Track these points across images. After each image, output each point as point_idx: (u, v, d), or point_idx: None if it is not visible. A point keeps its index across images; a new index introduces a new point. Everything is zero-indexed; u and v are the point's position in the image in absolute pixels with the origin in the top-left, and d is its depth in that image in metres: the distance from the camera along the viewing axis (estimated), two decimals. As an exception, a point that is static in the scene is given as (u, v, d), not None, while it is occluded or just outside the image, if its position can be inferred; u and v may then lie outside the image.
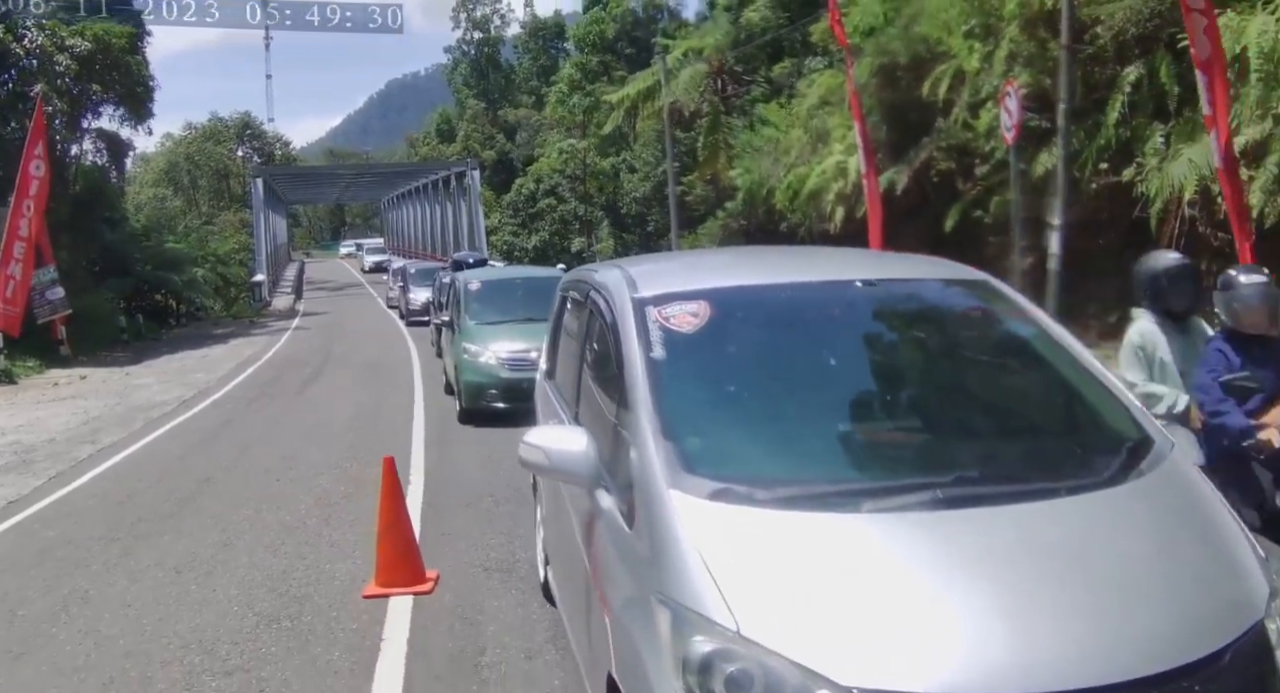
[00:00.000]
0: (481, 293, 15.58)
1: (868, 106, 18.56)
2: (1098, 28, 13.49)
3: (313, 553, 8.19)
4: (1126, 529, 3.37)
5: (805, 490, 3.40)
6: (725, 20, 32.85)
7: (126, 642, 6.41)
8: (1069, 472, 3.64)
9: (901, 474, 3.61)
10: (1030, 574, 3.12)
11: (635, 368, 3.91)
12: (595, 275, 5.15)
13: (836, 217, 21.00)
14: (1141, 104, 13.26)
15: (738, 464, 3.56)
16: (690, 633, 2.99)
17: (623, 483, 3.71)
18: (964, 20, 16.60)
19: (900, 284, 4.75)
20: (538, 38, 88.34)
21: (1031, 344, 4.36)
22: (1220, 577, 3.26)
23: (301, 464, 11.82)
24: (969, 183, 17.16)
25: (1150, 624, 3.00)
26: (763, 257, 6.81)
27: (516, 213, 59.35)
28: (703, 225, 33.95)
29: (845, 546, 3.18)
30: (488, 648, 5.99)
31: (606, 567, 3.79)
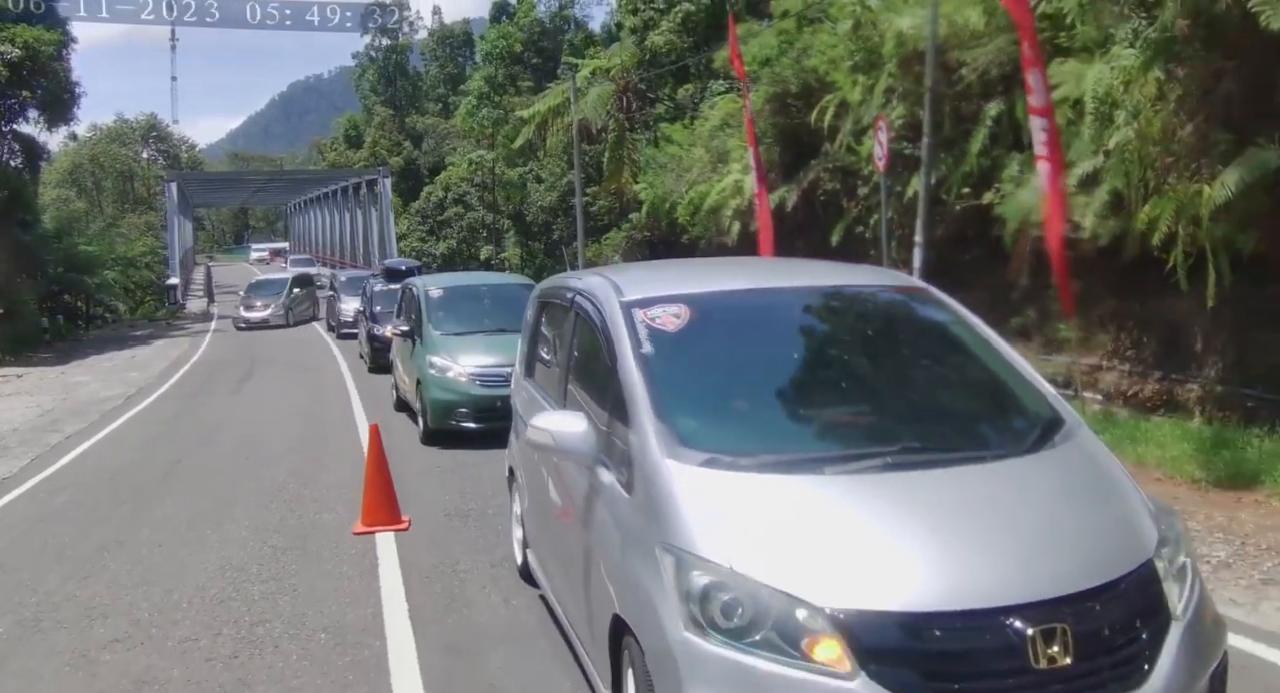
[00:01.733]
0: (445, 301, 14.37)
1: (762, 130, 20.04)
2: (964, 69, 15.07)
3: (300, 508, 9.80)
4: (1041, 487, 4.12)
5: (778, 458, 4.11)
6: (632, 43, 34.09)
7: (170, 568, 8.04)
8: (994, 443, 4.47)
9: (856, 445, 4.37)
10: (965, 521, 3.83)
11: (628, 362, 4.60)
12: (579, 283, 5.81)
13: (733, 231, 22.42)
14: (1001, 136, 14.80)
15: (721, 439, 4.23)
16: (691, 570, 3.67)
17: (620, 458, 4.40)
18: (848, 57, 18.14)
19: (851, 290, 5.57)
20: (445, 46, 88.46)
21: (962, 340, 5.11)
22: (1118, 524, 3.98)
23: (263, 446, 13.32)
24: (852, 202, 18.67)
25: (1061, 558, 3.72)
26: (732, 267, 7.82)
27: (425, 220, 59.99)
28: (607, 236, 35.09)
29: (812, 500, 3.89)
30: (460, 560, 7.88)
31: (605, 529, 4.49)
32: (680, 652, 3.56)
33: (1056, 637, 3.43)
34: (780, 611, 3.49)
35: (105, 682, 5.98)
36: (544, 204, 47.49)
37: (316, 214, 79.55)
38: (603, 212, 36.55)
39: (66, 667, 6.23)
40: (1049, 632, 3.43)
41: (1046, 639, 3.42)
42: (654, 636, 3.71)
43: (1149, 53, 11.15)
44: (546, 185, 46.49)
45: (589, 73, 35.16)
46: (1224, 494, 8.62)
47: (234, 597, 7.32)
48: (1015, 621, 3.43)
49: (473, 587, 7.31)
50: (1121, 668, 3.53)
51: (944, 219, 15.56)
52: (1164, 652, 3.60)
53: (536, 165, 48.36)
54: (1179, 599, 3.78)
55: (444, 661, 6.01)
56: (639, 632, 3.86)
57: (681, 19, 31.51)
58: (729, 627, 3.52)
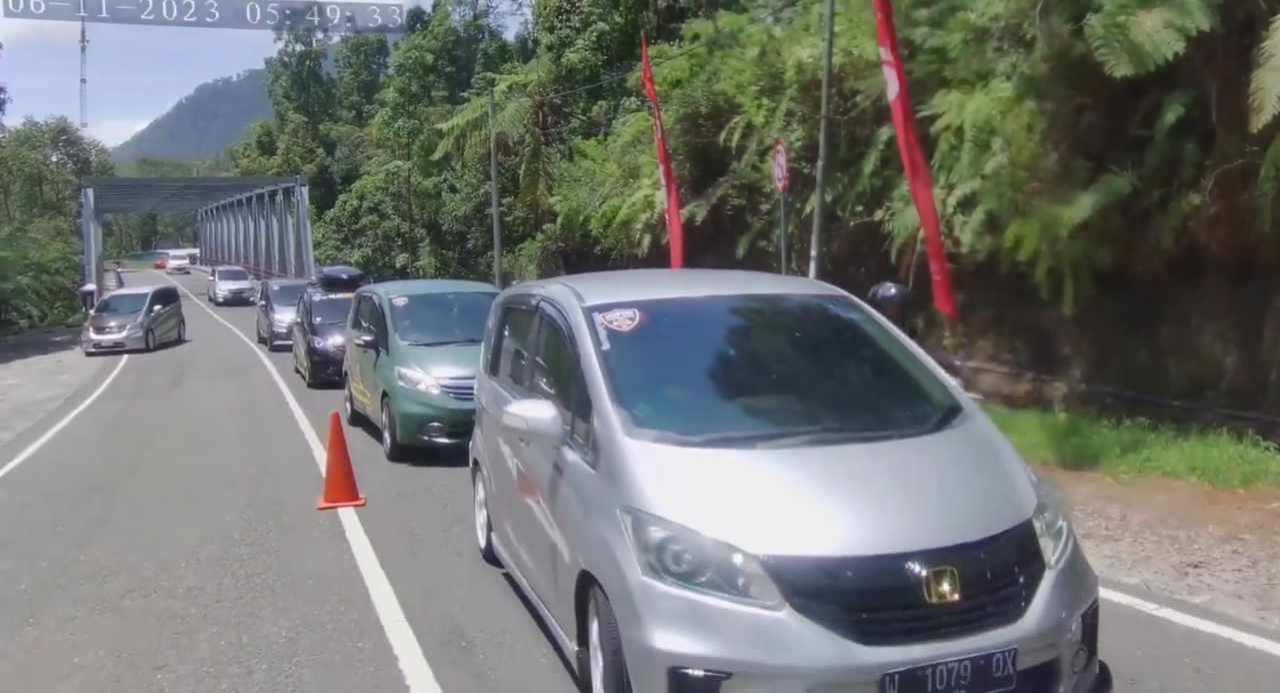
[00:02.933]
0: (410, 310, 13.57)
1: (673, 148, 21.03)
2: (858, 96, 16.21)
3: (263, 490, 10.72)
4: (940, 460, 4.85)
5: (718, 436, 4.80)
6: (548, 59, 34.93)
7: (161, 538, 8.97)
8: (902, 424, 5.20)
9: (784, 426, 5.09)
10: (875, 485, 4.53)
11: (590, 357, 5.26)
12: (542, 291, 6.49)
13: (644, 243, 23.42)
14: (892, 159, 15.88)
15: (670, 421, 4.92)
16: (648, 527, 4.33)
17: (584, 440, 5.05)
18: (754, 82, 19.30)
19: (782, 296, 6.51)
20: (359, 53, 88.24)
21: (876, 340, 5.86)
22: (1001, 490, 4.69)
23: (215, 439, 14.00)
24: (756, 217, 19.78)
25: (954, 516, 4.42)
26: (678, 277, 9.10)
27: (340, 228, 60.06)
28: (522, 246, 35.85)
29: (747, 470, 4.61)
30: (415, 527, 9.00)
31: (570, 500, 5.11)
32: (640, 593, 4.21)
33: (947, 577, 4.08)
34: (721, 557, 4.15)
35: (133, 620, 6.97)
36: (459, 214, 48.06)
37: (229, 221, 78.47)
38: (518, 222, 37.28)
39: (96, 610, 7.19)
40: (940, 573, 4.08)
41: (939, 579, 4.08)
42: (617, 582, 4.35)
43: (1021, 88, 12.36)
44: (462, 195, 47.04)
45: (506, 88, 35.93)
46: (1068, 474, 9.77)
47: (225, 558, 8.31)
48: (914, 564, 4.09)
49: (429, 546, 8.52)
50: (1002, 606, 4.19)
51: (839, 234, 16.69)
52: (1038, 593, 4.27)
53: (451, 175, 48.87)
54: (1053, 553, 4.44)
55: (416, 595, 7.18)
56: (604, 580, 4.49)
57: (596, 38, 32.43)
58: (679, 571, 4.18)
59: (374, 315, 13.89)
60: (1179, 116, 10.67)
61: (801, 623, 4.00)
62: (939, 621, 4.09)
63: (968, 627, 4.10)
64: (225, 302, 49.92)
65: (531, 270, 32.48)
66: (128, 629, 6.77)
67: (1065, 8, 11.22)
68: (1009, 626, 4.15)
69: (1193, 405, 11.18)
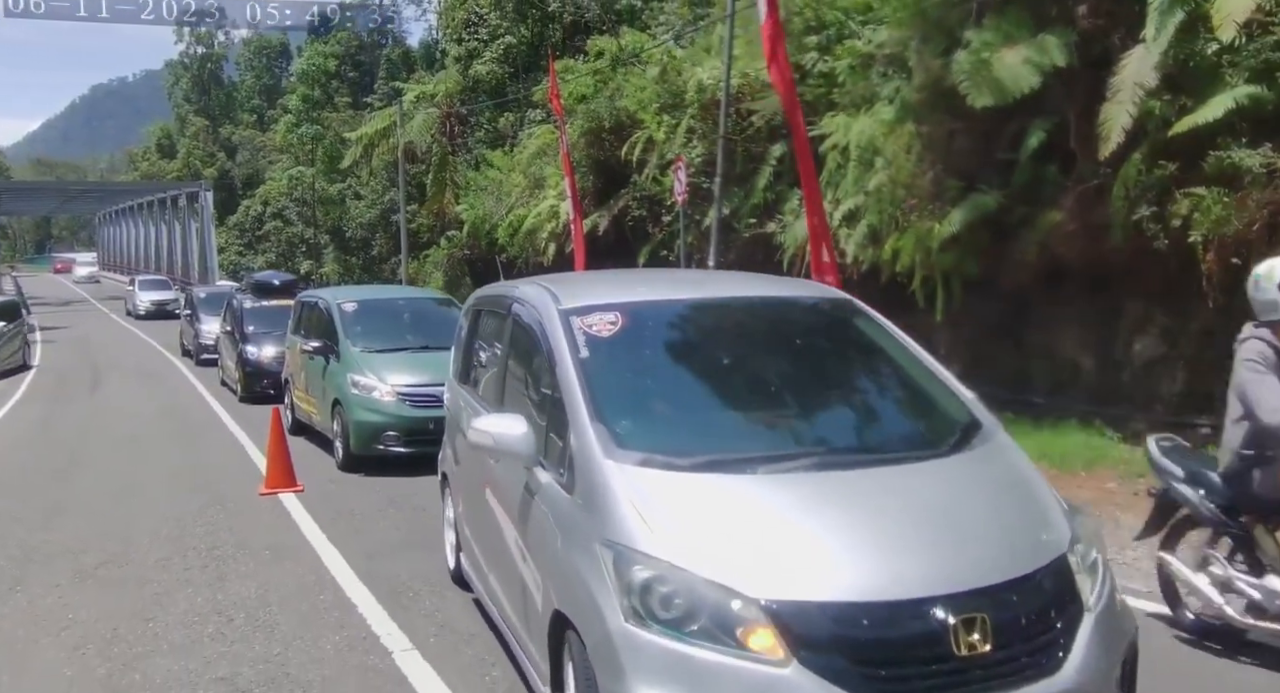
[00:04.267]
0: (361, 316, 12.99)
1: (577, 160, 21.78)
2: (754, 116, 17.11)
3: (204, 480, 11.23)
4: (961, 486, 4.24)
5: (712, 458, 4.19)
6: (456, 70, 35.36)
7: (119, 521, 9.47)
8: (917, 444, 4.61)
9: (787, 446, 4.48)
10: (890, 517, 3.93)
11: (567, 366, 4.63)
12: (516, 291, 5.85)
13: (549, 252, 24.12)
14: (784, 174, 16.80)
15: (656, 440, 4.33)
16: (631, 565, 3.72)
17: (559, 460, 4.47)
18: (656, 99, 20.16)
19: (779, 299, 5.73)
20: (261, 56, 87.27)
21: (885, 348, 5.20)
22: (1034, 522, 4.10)
23: (146, 437, 14.27)
24: (657, 228, 20.61)
25: (981, 552, 3.83)
26: (663, 277, 8.35)
27: (244, 234, 59.58)
28: (427, 252, 36.23)
29: (746, 498, 3.99)
30: (354, 508, 9.70)
31: (543, 528, 4.50)
32: (622, 642, 3.65)
33: (976, 626, 3.55)
34: (716, 602, 3.58)
35: (112, 586, 7.53)
36: (364, 220, 48.11)
37: (129, 225, 76.61)
38: (423, 229, 37.59)
39: (76, 579, 7.74)
40: (969, 621, 3.55)
41: (967, 628, 3.54)
42: (596, 628, 3.78)
43: (901, 112, 13.32)
44: (367, 202, 47.10)
45: (414, 97, 36.28)
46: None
47: (183, 535, 8.89)
48: (938, 610, 3.54)
49: (368, 522, 9.26)
50: (1038, 655, 3.67)
51: (735, 244, 17.55)
52: (1078, 641, 3.74)
53: (356, 182, 48.93)
54: (1091, 591, 3.91)
55: (363, 560, 7.95)
56: (580, 625, 3.91)
57: (504, 51, 32.97)
58: (668, 618, 3.61)
59: (321, 322, 13.29)
60: (1041, 141, 11.68)
61: (811, 681, 3.48)
62: (969, 675, 3.58)
63: (1001, 682, 3.61)
64: (147, 314, 41.90)
65: (437, 277, 32.88)
66: (110, 593, 7.36)
67: (938, 42, 12.20)
68: (1047, 679, 3.67)
69: (1055, 402, 12.17)
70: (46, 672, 5.97)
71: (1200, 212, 10.08)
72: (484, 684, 5.56)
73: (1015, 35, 11.20)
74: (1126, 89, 10.27)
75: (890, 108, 13.88)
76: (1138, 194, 10.57)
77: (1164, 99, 10.41)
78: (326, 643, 6.26)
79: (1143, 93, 10.23)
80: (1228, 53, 10.06)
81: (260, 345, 17.55)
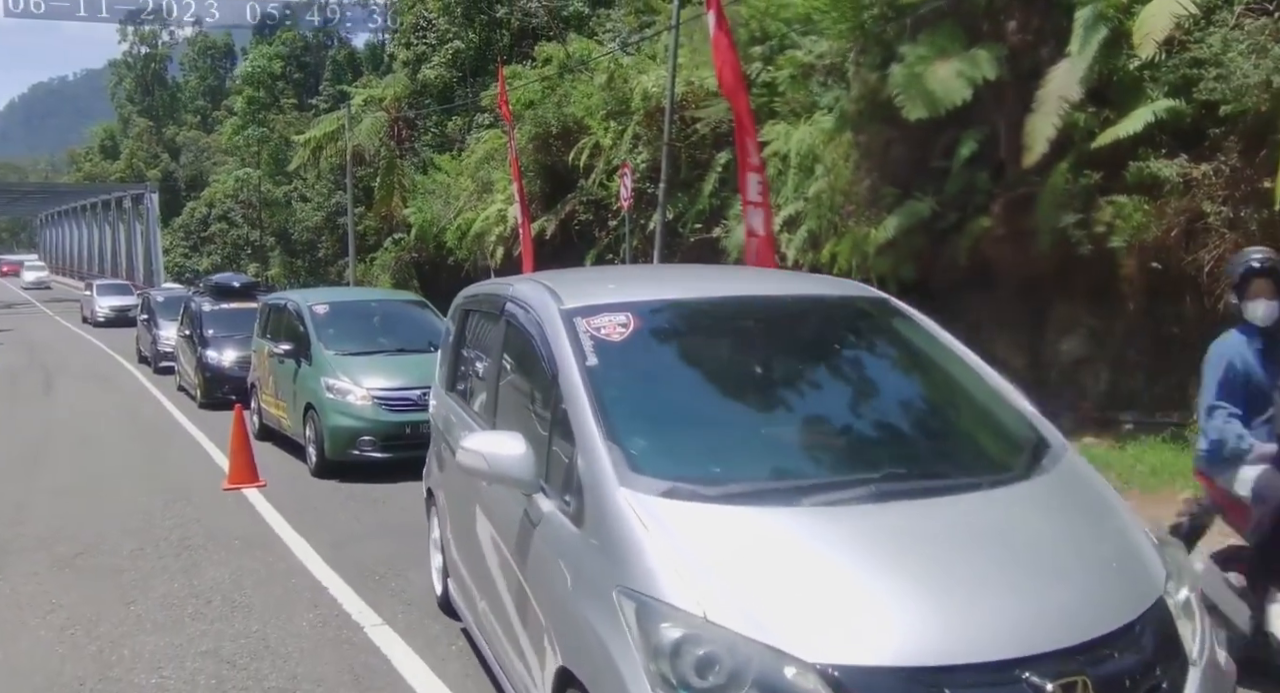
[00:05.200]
0: (333, 318, 12.54)
1: (524, 165, 21.99)
2: (699, 123, 17.46)
3: (167, 476, 11.41)
4: (1040, 518, 3.62)
5: (748, 487, 3.56)
6: (404, 74, 35.45)
7: (88, 514, 9.69)
8: (983, 468, 3.91)
9: (835, 472, 3.84)
10: (963, 559, 3.31)
11: (572, 376, 3.97)
12: (510, 289, 5.20)
13: (497, 255, 24.30)
14: (729, 180, 17.09)
15: (681, 464, 3.69)
16: (658, 621, 3.09)
17: (564, 486, 3.81)
18: (602, 106, 20.47)
19: (809, 299, 5.00)
20: (206, 56, 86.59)
21: (930, 353, 4.56)
22: (1125, 559, 3.49)
23: (105, 436, 14.28)
24: (603, 232, 20.95)
25: (1074, 600, 3.22)
26: (673, 273, 7.42)
27: (188, 236, 59.15)
28: (374, 255, 36.20)
29: (792, 537, 3.35)
30: (314, 502, 10.01)
31: (546, 566, 3.86)
32: None
33: (1078, 690, 3.00)
34: (764, 667, 2.97)
35: (90, 574, 7.76)
36: (310, 223, 47.97)
37: (72, 227, 75.54)
38: (370, 232, 37.59)
39: (54, 568, 7.94)
40: (1069, 685, 3.00)
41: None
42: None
43: (839, 121, 13.71)
44: (313, 204, 46.96)
45: (363, 101, 36.30)
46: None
47: (153, 527, 9.08)
48: (1031, 674, 2.98)
49: (331, 515, 9.54)
50: None
51: (680, 249, 17.86)
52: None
53: (302, 184, 48.77)
54: (1193, 640, 3.37)
55: (329, 548, 8.27)
56: (594, 688, 3.32)
57: (452, 55, 33.05)
58: (705, 687, 3.00)
59: (290, 324, 12.84)
60: (973, 151, 12.09)
61: None
62: None
63: None
64: (107, 321, 37.69)
65: (385, 279, 32.88)
66: (89, 580, 7.59)
67: (875, 54, 12.60)
68: None
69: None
70: (38, 650, 6.22)
71: (1122, 219, 10.55)
72: (450, 653, 5.92)
73: (948, 49, 11.61)
74: (1052, 101, 10.70)
75: (830, 117, 14.26)
76: (1064, 202, 11.00)
77: (1088, 111, 10.88)
78: (302, 621, 6.61)
79: (1067, 105, 10.67)
80: (1148, 68, 10.54)
81: (220, 349, 16.98)
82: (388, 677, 5.66)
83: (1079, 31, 10.64)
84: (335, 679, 5.65)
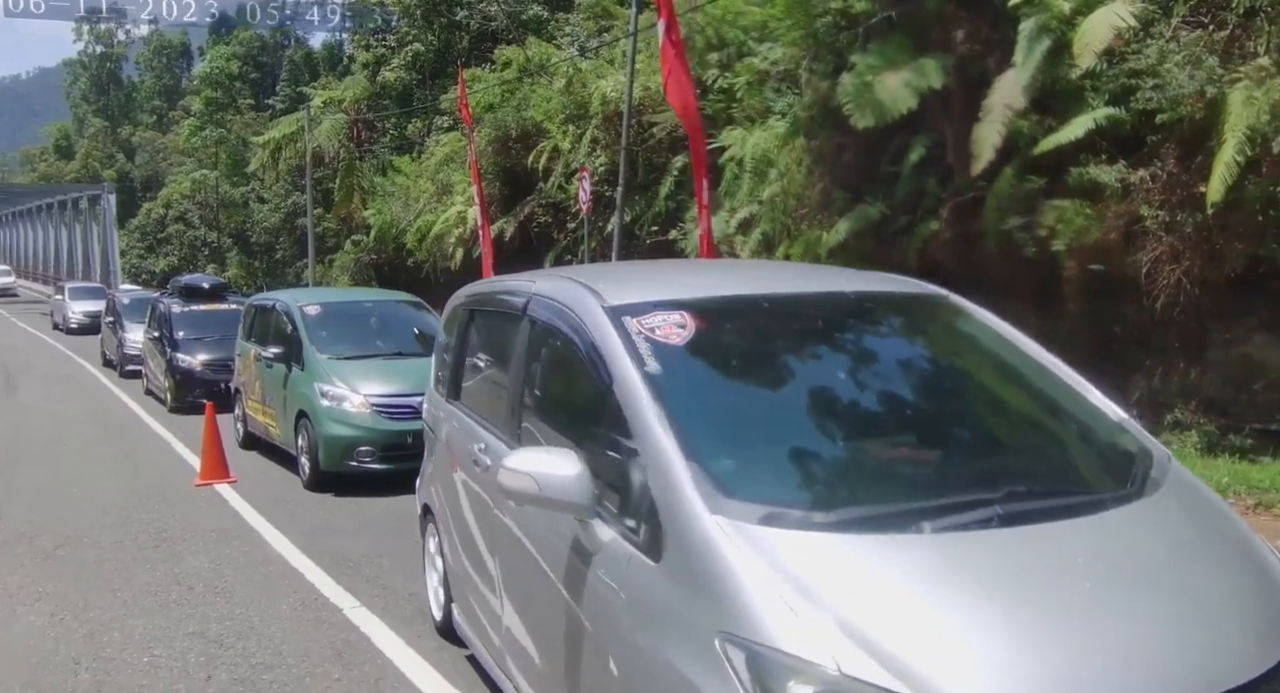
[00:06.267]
0: (325, 320, 11.74)
1: (484, 168, 22.16)
2: (655, 128, 17.72)
3: (140, 474, 11.48)
4: (1174, 540, 3.22)
5: (859, 512, 3.07)
6: (364, 77, 35.52)
7: (67, 509, 9.78)
8: (1101, 484, 3.50)
9: (949, 491, 3.31)
10: (1115, 588, 2.90)
11: (633, 385, 3.45)
12: (534, 286, 4.67)
13: (457, 256, 24.45)
14: (685, 184, 17.41)
15: (777, 486, 3.23)
16: (782, 677, 2.60)
17: (626, 509, 3.32)
18: (561, 110, 20.69)
19: (871, 297, 4.40)
20: (161, 56, 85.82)
21: (1007, 354, 4.09)
22: (1264, 583, 3.10)
23: (74, 437, 14.17)
24: (561, 233, 21.19)
25: (1229, 633, 2.84)
26: (713, 269, 6.71)
27: (145, 237, 58.66)
28: (333, 256, 36.19)
29: (922, 569, 2.87)
30: (284, 496, 10.21)
31: (609, 604, 3.30)
32: None
33: None
34: None
35: (73, 564, 7.89)
36: (268, 224, 47.75)
37: (25, 228, 74.47)
38: (330, 233, 37.54)
39: (37, 559, 8.07)
40: None
41: None
42: None
43: (792, 127, 14.00)
44: (271, 206, 46.76)
45: (322, 103, 36.26)
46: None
47: (130, 521, 9.21)
48: None
49: (303, 509, 9.70)
50: None
51: (637, 250, 18.11)
52: None
53: (260, 186, 48.55)
54: None
55: (303, 539, 8.43)
56: None
57: (412, 58, 33.10)
58: None
59: (279, 327, 12.05)
60: (922, 156, 12.40)
61: None
62: None
63: None
64: (81, 328, 33.09)
65: (344, 281, 32.88)
66: (73, 570, 7.74)
67: (828, 61, 12.89)
68: None
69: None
70: (31, 634, 6.41)
71: (1064, 222, 10.87)
72: (425, 630, 6.21)
73: (897, 59, 11.91)
74: (998, 110, 11.02)
75: (784, 122, 14.55)
76: (1008, 205, 11.32)
77: (1032, 119, 11.19)
78: (282, 604, 6.84)
79: (1012, 113, 10.99)
80: (1089, 78, 10.86)
81: (192, 352, 16.43)
82: (367, 652, 5.94)
83: (1023, 42, 10.96)
84: (318, 654, 5.92)
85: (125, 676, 5.73)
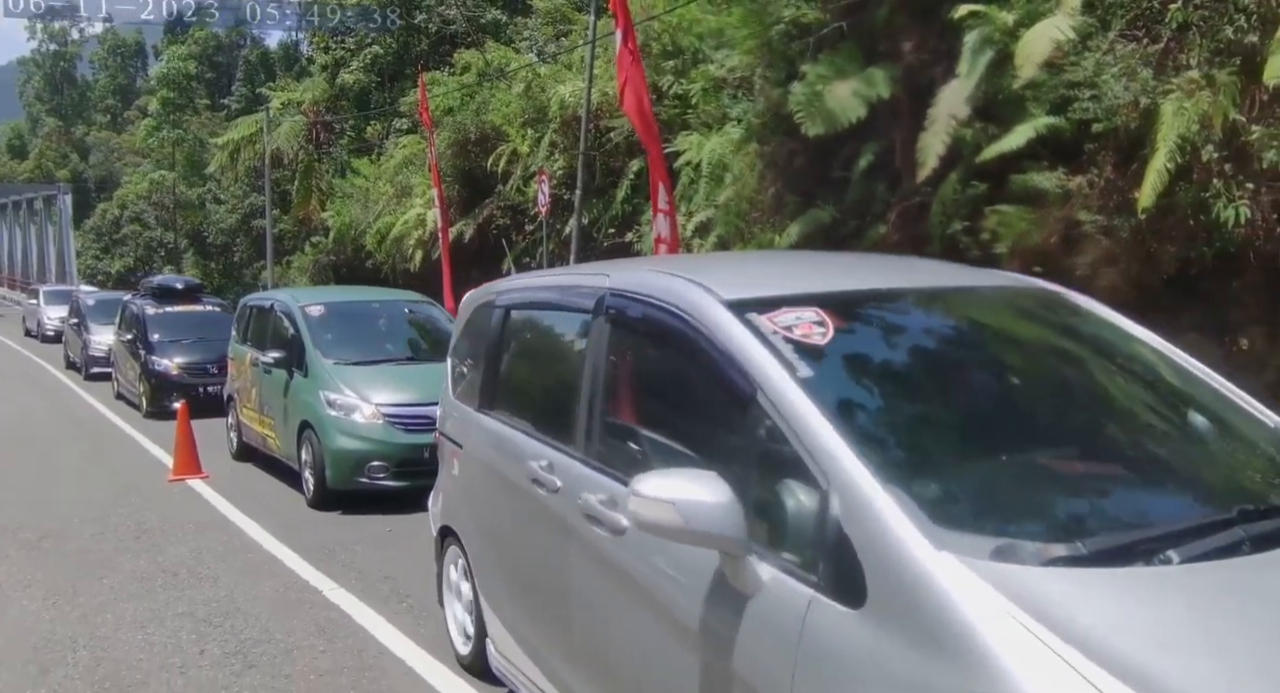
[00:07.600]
0: (330, 322, 10.89)
1: (443, 170, 22.34)
2: (612, 132, 17.98)
3: (112, 471, 11.76)
4: None
5: (1100, 542, 2.58)
6: (323, 78, 35.39)
7: (46, 504, 10.04)
8: None
9: (1178, 513, 2.94)
10: None
11: (791, 395, 2.90)
12: (610, 280, 4.06)
13: (416, 258, 24.54)
14: (641, 187, 17.61)
15: (993, 513, 2.77)
16: None
17: (785, 542, 2.82)
18: (520, 114, 20.89)
19: (994, 293, 3.97)
20: (116, 55, 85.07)
21: (1146, 355, 3.68)
22: None
23: (41, 436, 14.36)
24: (520, 236, 21.36)
25: None
26: (811, 261, 5.73)
27: (100, 237, 58.18)
28: (291, 258, 36.13)
29: (1188, 605, 2.42)
30: (256, 490, 10.56)
31: (780, 658, 2.72)
32: None
33: None
34: None
35: (57, 555, 8.21)
36: (224, 225, 47.58)
37: (-20, 229, 73.81)
38: (288, 235, 37.45)
39: (22, 550, 8.39)
40: None
41: None
42: None
43: (746, 133, 14.30)
44: (228, 207, 46.61)
45: (280, 104, 36.18)
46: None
47: (109, 515, 9.51)
48: None
49: (276, 502, 10.12)
50: None
51: (595, 253, 18.30)
52: None
53: (217, 187, 48.37)
54: None
55: (279, 529, 8.86)
56: None
57: (370, 60, 33.12)
58: None
59: (278, 329, 11.29)
60: (870, 162, 12.69)
61: None
62: None
63: None
64: (58, 335, 29.30)
65: (303, 283, 32.82)
66: (58, 560, 8.05)
67: (780, 69, 13.19)
68: None
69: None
70: (26, 616, 6.71)
71: (1005, 226, 11.19)
72: (402, 608, 6.71)
73: (846, 69, 12.22)
74: (942, 119, 11.34)
75: (739, 128, 14.85)
76: (953, 210, 11.63)
77: (976, 127, 11.50)
78: (265, 587, 7.22)
79: (956, 122, 11.32)
80: (1030, 88, 11.19)
81: (168, 355, 16.02)
82: (349, 627, 6.36)
83: (967, 54, 11.28)
84: (303, 630, 6.30)
85: (122, 652, 6.04)
